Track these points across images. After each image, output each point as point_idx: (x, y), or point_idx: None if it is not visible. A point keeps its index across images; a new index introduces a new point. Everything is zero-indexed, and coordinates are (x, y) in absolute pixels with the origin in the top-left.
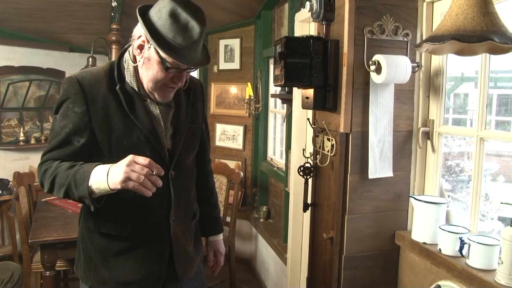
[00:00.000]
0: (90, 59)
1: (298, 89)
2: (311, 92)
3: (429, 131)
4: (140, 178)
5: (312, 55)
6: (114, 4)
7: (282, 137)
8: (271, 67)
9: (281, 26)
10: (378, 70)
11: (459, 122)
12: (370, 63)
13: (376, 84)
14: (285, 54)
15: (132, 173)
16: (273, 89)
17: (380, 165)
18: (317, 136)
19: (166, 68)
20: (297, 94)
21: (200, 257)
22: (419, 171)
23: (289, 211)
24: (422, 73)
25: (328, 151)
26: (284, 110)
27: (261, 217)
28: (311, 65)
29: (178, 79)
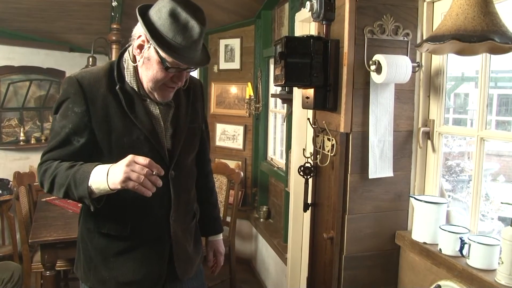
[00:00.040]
0: (90, 59)
1: (298, 89)
2: (311, 92)
3: (429, 131)
4: (140, 178)
5: (312, 55)
6: (114, 4)
7: (282, 137)
8: (271, 67)
9: (281, 26)
10: (379, 70)
11: (460, 122)
12: (371, 63)
13: (376, 84)
14: (286, 54)
15: (132, 173)
16: (273, 89)
17: (380, 165)
18: (317, 136)
19: (166, 68)
20: (297, 94)
21: (200, 257)
22: (419, 171)
23: (289, 211)
24: (423, 73)
25: (328, 151)
26: (284, 110)
27: (261, 217)
28: (311, 65)
29: (178, 79)
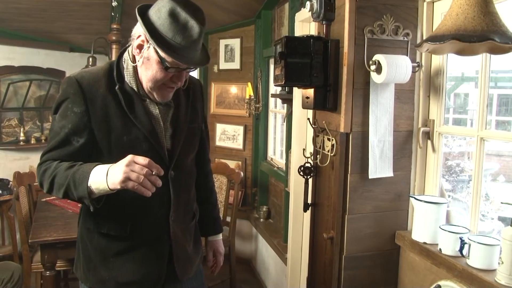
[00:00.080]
0: (90, 59)
1: (298, 89)
2: (311, 92)
3: (429, 131)
4: (139, 178)
5: (312, 55)
6: (114, 4)
7: (282, 137)
8: (271, 67)
9: (281, 26)
10: (379, 70)
11: (460, 122)
12: (371, 63)
13: (376, 84)
14: (286, 54)
15: (131, 173)
16: (273, 89)
17: (380, 165)
18: (317, 136)
19: (165, 67)
20: (297, 94)
21: (200, 257)
22: (419, 171)
23: (289, 211)
24: (423, 73)
25: (328, 151)
26: (284, 110)
27: (261, 217)
28: (311, 65)
29: (177, 78)
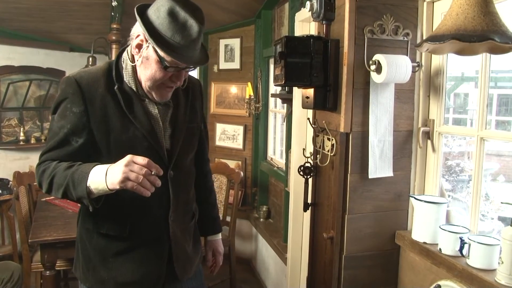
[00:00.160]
0: (90, 58)
1: (298, 88)
2: (311, 91)
3: (429, 130)
4: (138, 178)
5: (312, 55)
6: (114, 3)
7: (282, 137)
8: (271, 66)
9: (281, 26)
10: (379, 69)
11: (460, 122)
12: (371, 62)
13: (376, 83)
14: (285, 54)
15: (130, 173)
16: (273, 89)
17: (380, 164)
18: (317, 135)
19: (164, 67)
20: (297, 93)
21: (199, 257)
22: (419, 171)
23: (289, 211)
24: (423, 72)
25: (328, 151)
26: (284, 110)
27: (261, 217)
28: (311, 64)
29: (176, 78)
